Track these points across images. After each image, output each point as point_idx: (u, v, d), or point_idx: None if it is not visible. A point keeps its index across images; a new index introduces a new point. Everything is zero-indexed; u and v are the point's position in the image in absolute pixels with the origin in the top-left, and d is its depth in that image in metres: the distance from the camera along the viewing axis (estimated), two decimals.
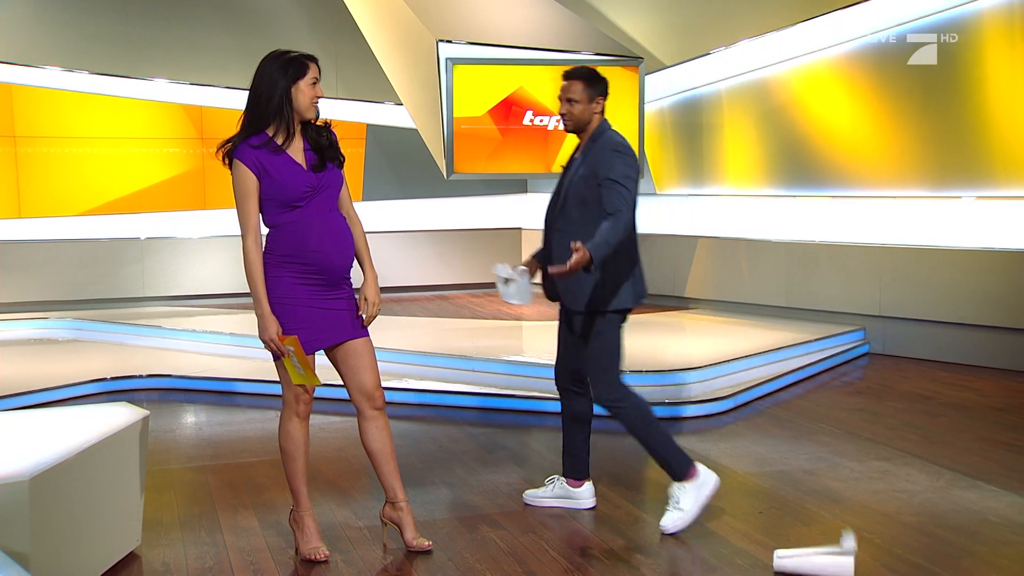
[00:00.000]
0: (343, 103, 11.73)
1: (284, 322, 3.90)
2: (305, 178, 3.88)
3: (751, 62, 9.62)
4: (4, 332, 9.75)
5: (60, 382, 7.17)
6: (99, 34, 11.04)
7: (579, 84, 4.55)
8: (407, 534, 4.11)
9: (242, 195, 3.89)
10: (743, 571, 3.91)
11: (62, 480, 3.57)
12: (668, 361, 7.24)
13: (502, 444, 5.85)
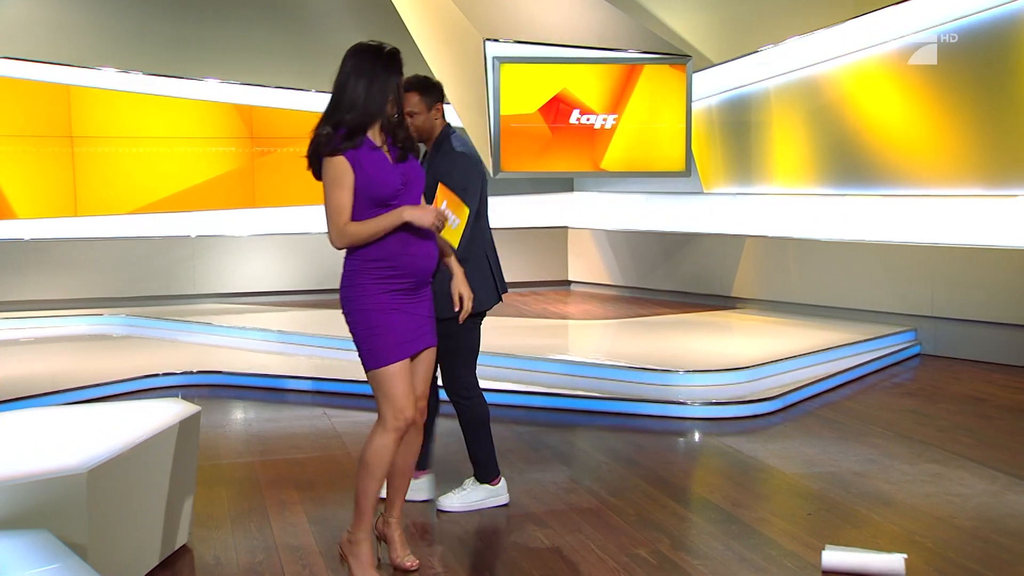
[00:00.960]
0: None
1: (372, 327, 3.71)
2: (395, 173, 3.72)
3: (800, 60, 9.53)
4: (60, 328, 9.92)
5: (113, 377, 7.26)
6: (152, 36, 11.17)
7: (415, 95, 4.49)
8: (395, 551, 3.95)
9: (335, 185, 3.65)
10: (792, 572, 3.88)
11: (117, 473, 3.62)
12: (715, 361, 7.20)
13: (548, 443, 5.85)
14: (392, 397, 3.72)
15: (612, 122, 10.16)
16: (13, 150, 10.81)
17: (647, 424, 6.26)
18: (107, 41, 11.03)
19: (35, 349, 8.92)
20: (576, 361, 7.27)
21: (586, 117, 10.15)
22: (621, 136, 10.17)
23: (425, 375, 3.90)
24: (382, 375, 3.72)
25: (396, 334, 3.72)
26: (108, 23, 11.05)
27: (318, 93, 11.53)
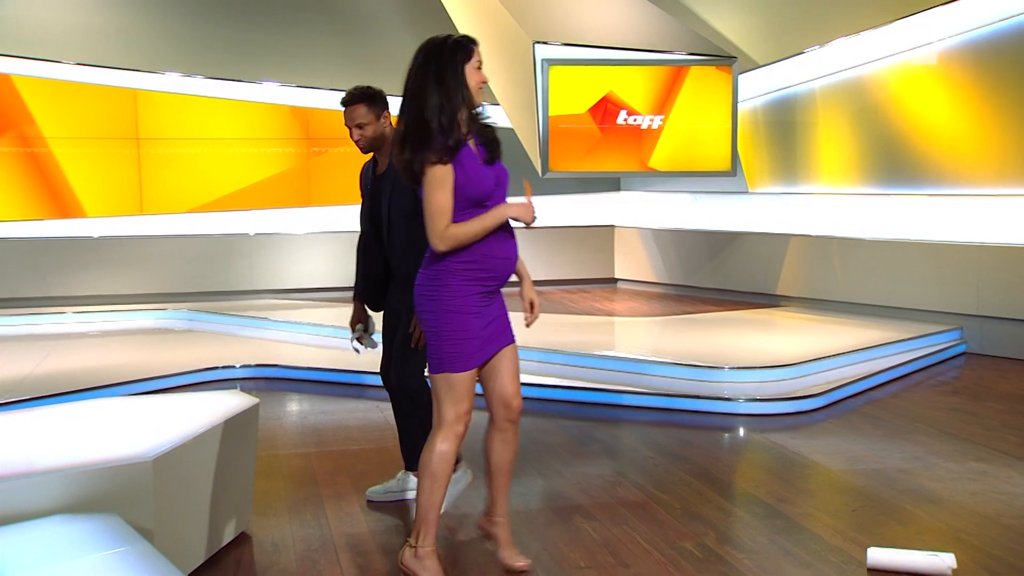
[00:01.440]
0: None
1: (454, 331, 3.57)
2: (488, 172, 3.61)
3: (846, 60, 9.44)
4: (126, 322, 10.06)
5: (176, 370, 7.36)
6: (214, 41, 11.30)
7: (362, 107, 4.42)
8: (504, 551, 3.86)
9: (437, 187, 3.47)
10: (836, 568, 3.84)
11: (181, 461, 3.67)
12: (760, 358, 7.15)
13: (595, 437, 5.84)
14: (458, 401, 3.60)
15: (659, 122, 10.13)
16: (83, 152, 10.99)
17: (692, 420, 6.23)
18: (171, 47, 11.17)
19: (103, 342, 9.05)
20: (622, 357, 7.25)
21: (633, 118, 10.12)
22: (668, 136, 10.14)
23: (514, 372, 3.77)
24: (455, 378, 3.59)
25: (476, 340, 3.61)
26: (172, 30, 11.18)
27: None
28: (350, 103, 4.42)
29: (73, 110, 10.93)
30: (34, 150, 10.87)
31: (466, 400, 3.62)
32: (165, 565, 2.62)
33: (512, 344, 3.76)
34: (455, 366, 3.57)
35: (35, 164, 10.89)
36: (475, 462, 4.48)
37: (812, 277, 9.98)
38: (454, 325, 3.57)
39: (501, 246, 3.62)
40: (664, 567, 3.87)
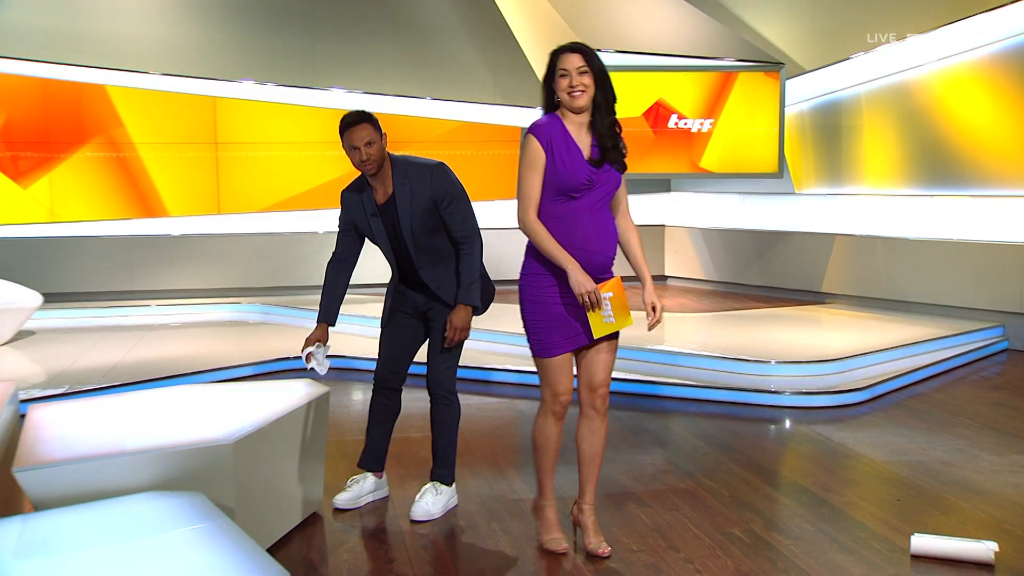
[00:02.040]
0: (500, 108, 11.84)
1: (540, 320, 3.71)
2: (584, 169, 3.60)
3: (891, 66, 9.31)
4: (204, 315, 10.20)
5: (251, 360, 7.47)
6: (285, 51, 11.41)
7: (367, 126, 4.22)
8: (587, 537, 3.86)
9: (527, 168, 3.63)
10: (881, 555, 3.81)
11: (259, 445, 3.73)
12: (806, 353, 7.08)
13: (646, 427, 5.83)
14: (550, 384, 3.77)
15: (709, 126, 10.07)
16: (166, 155, 11.17)
17: (740, 412, 6.20)
18: (246, 57, 11.31)
19: (184, 333, 9.19)
20: (673, 351, 7.22)
21: (684, 122, 10.08)
22: (717, 139, 10.08)
23: (604, 365, 3.80)
24: (544, 364, 3.75)
25: (561, 329, 3.69)
26: (247, 41, 11.32)
27: (433, 100, 11.67)
28: (354, 123, 4.20)
29: (158, 117, 11.12)
30: (123, 155, 11.07)
31: (557, 383, 3.75)
32: (246, 540, 2.66)
33: (609, 340, 3.77)
34: (539, 351, 3.75)
35: (124, 168, 11.10)
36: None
37: (857, 275, 9.86)
38: (536, 314, 3.73)
39: (591, 240, 3.64)
40: (713, 551, 3.86)
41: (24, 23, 10.73)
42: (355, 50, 11.60)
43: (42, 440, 3.56)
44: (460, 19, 11.88)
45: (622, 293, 3.64)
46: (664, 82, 10.05)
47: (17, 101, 10.79)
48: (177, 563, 2.56)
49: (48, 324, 9.39)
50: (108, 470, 3.33)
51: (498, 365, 7.18)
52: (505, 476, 4.90)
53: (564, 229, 3.62)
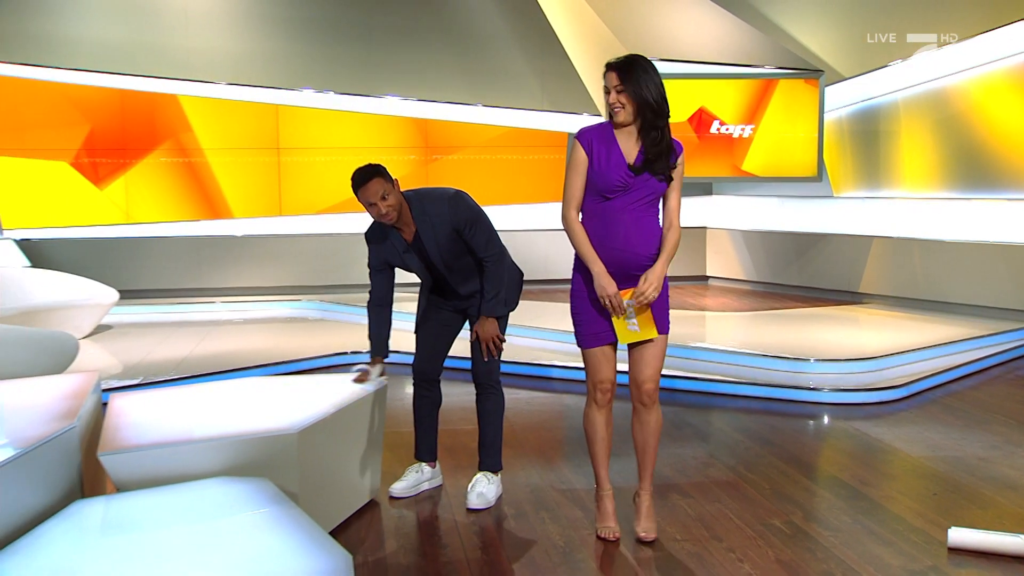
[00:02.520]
0: (548, 114, 11.85)
1: (577, 313, 3.79)
2: (621, 173, 3.62)
3: (928, 73, 9.19)
4: (266, 311, 10.33)
5: (311, 354, 7.54)
6: (343, 61, 11.51)
7: (378, 180, 4.08)
8: (637, 522, 3.91)
9: (570, 169, 3.70)
10: (918, 547, 3.77)
11: (322, 434, 3.78)
12: (844, 351, 7.02)
13: (688, 421, 5.81)
14: (590, 374, 3.84)
15: (750, 131, 10.01)
16: (232, 160, 11.34)
17: (780, 407, 6.16)
18: (306, 67, 11.42)
19: (247, 328, 9.30)
20: (715, 348, 7.19)
21: (725, 127, 10.03)
22: (758, 144, 10.01)
23: (650, 360, 3.78)
24: (585, 353, 3.82)
25: (595, 324, 3.75)
26: (307, 52, 11.43)
27: (484, 107, 11.71)
28: (365, 181, 4.08)
29: (225, 124, 11.29)
30: (192, 160, 11.26)
31: (595, 372, 3.81)
32: (310, 524, 2.71)
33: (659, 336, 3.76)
34: (579, 341, 3.82)
35: (193, 172, 11.28)
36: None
37: (894, 276, 9.75)
38: (575, 306, 3.81)
39: (624, 240, 3.66)
40: (755, 541, 3.85)
41: (104, 39, 10.94)
42: (409, 59, 11.67)
43: (123, 427, 3.65)
44: (510, 29, 11.90)
45: (646, 308, 3.66)
46: (707, 89, 10.00)
47: (99, 112, 11.01)
48: (246, 544, 2.61)
49: (124, 319, 9.57)
50: (182, 456, 3.40)
51: (545, 361, 7.19)
52: (552, 467, 4.91)
53: (602, 227, 3.68)
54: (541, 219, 11.68)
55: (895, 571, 3.55)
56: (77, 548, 2.66)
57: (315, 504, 3.69)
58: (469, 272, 4.32)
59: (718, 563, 3.64)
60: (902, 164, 9.73)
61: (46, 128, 10.94)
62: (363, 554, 3.78)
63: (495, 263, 4.22)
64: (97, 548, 2.68)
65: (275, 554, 2.51)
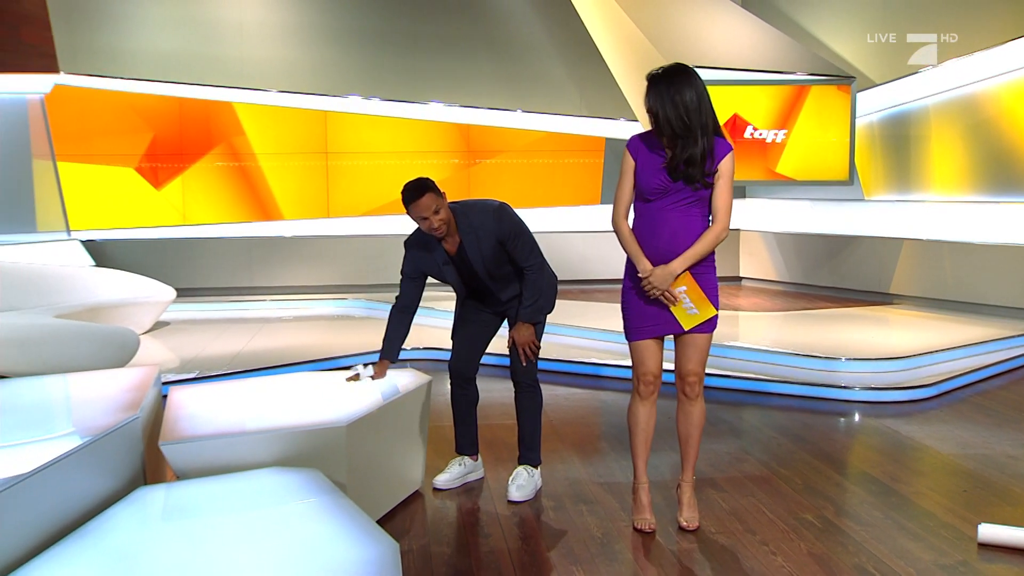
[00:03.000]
0: (586, 120, 11.84)
1: (623, 306, 3.84)
2: (660, 178, 3.67)
3: (958, 79, 9.07)
4: (314, 309, 10.40)
5: (357, 350, 7.56)
6: (388, 68, 11.57)
7: (430, 195, 4.06)
8: (679, 512, 3.94)
9: (620, 173, 3.77)
10: (949, 542, 3.73)
11: (369, 427, 3.80)
12: (875, 350, 6.95)
13: (723, 418, 5.78)
14: (635, 366, 3.86)
15: (783, 136, 9.93)
16: (282, 164, 11.45)
17: (812, 405, 6.11)
18: (353, 74, 11.50)
19: (296, 325, 9.37)
20: (748, 348, 7.15)
21: (759, 132, 9.96)
22: (791, 149, 9.93)
23: (694, 354, 3.80)
24: (632, 348, 3.85)
25: (644, 317, 3.77)
26: (354, 60, 11.51)
27: (524, 113, 11.72)
28: (416, 198, 4.06)
29: (276, 130, 11.40)
30: (244, 164, 11.38)
31: (639, 364, 3.83)
32: (358, 513, 2.73)
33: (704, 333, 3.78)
34: (628, 335, 3.85)
35: (245, 176, 11.40)
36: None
37: (924, 278, 9.63)
38: (624, 301, 3.85)
39: (663, 239, 3.69)
40: (787, 535, 3.83)
41: (164, 50, 11.11)
42: (452, 67, 11.71)
43: (182, 418, 3.70)
44: (550, 38, 11.90)
45: (695, 285, 3.69)
46: (741, 95, 9.93)
47: (160, 119, 11.17)
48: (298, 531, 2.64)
49: (180, 315, 9.68)
50: (238, 446, 3.44)
51: (584, 358, 7.19)
52: (590, 461, 4.91)
53: (647, 227, 3.73)
54: (578, 221, 11.66)
55: (925, 565, 3.51)
56: (140, 532, 2.71)
57: (362, 494, 3.72)
58: (510, 280, 4.32)
59: (752, 555, 3.63)
60: (932, 168, 9.60)
61: (112, 135, 11.11)
62: (408, 542, 3.80)
63: (537, 272, 4.22)
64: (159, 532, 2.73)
65: (325, 541, 2.53)
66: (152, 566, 2.47)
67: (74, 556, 2.54)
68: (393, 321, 4.38)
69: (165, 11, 11.18)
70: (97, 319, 7.80)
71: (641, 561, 3.62)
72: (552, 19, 11.80)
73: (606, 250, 11.09)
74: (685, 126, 3.57)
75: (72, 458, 2.99)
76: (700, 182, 3.65)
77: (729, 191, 3.74)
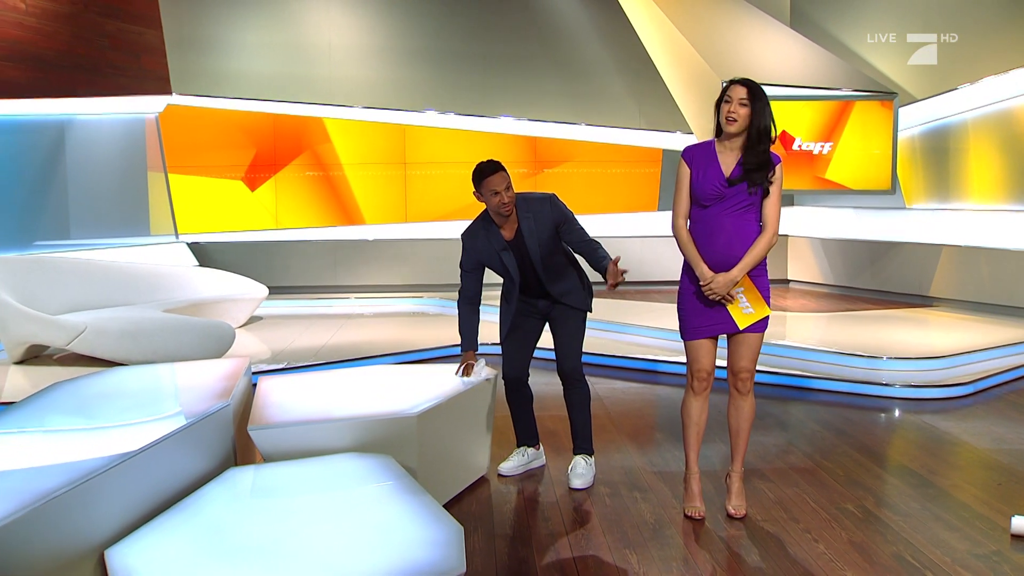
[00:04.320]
0: (643, 132, 11.72)
1: (679, 306, 3.76)
2: (717, 184, 3.60)
3: (995, 95, 8.78)
4: (392, 306, 10.44)
5: (432, 344, 7.58)
6: (462, 85, 11.59)
7: (503, 173, 4.04)
8: (728, 500, 3.86)
9: (677, 182, 3.72)
10: (983, 532, 3.60)
11: (438, 417, 3.80)
12: (915, 350, 6.75)
13: (770, 412, 5.66)
14: (690, 363, 3.79)
15: (828, 148, 9.73)
16: (365, 173, 11.55)
17: (854, 401, 5.96)
18: (430, 91, 11.55)
19: (376, 321, 9.43)
20: (796, 346, 7.00)
21: (807, 144, 9.77)
22: (836, 160, 9.72)
23: (746, 352, 3.72)
24: (687, 346, 3.77)
25: (699, 317, 3.71)
26: (430, 78, 11.56)
27: (587, 126, 11.66)
28: (493, 172, 4.02)
29: (359, 142, 11.51)
30: (330, 173, 11.52)
31: (694, 362, 3.76)
32: (427, 497, 2.73)
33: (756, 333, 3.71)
34: (683, 334, 3.78)
35: (331, 184, 11.53)
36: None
37: (962, 281, 9.33)
38: (681, 302, 3.78)
39: (727, 244, 3.62)
40: (829, 524, 3.73)
41: (260, 72, 11.30)
42: (520, 83, 11.69)
43: (269, 406, 3.74)
44: (611, 56, 11.82)
45: (752, 286, 3.63)
46: (790, 109, 9.75)
47: (257, 133, 11.37)
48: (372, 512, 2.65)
49: (272, 311, 9.81)
50: (319, 433, 3.47)
51: (640, 354, 7.12)
52: (645, 451, 4.85)
53: (704, 232, 3.66)
54: (637, 226, 11.57)
55: (960, 555, 3.40)
56: (231, 509, 2.74)
57: (431, 479, 3.72)
58: (560, 270, 4.22)
59: (795, 542, 3.54)
60: (970, 178, 9.31)
61: (216, 149, 11.35)
62: (473, 525, 3.79)
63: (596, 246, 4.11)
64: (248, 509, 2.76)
65: (395, 522, 2.54)
66: (240, 539, 2.49)
67: (173, 528, 2.59)
68: (463, 314, 4.29)
69: (262, 38, 11.38)
70: (199, 314, 7.96)
71: (691, 546, 3.56)
72: (612, 39, 11.71)
73: (662, 253, 10.98)
74: (767, 137, 3.61)
75: (172, 439, 3.04)
76: (763, 185, 3.61)
77: (779, 200, 3.70)
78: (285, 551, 2.39)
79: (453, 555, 2.31)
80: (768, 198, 3.65)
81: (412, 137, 11.57)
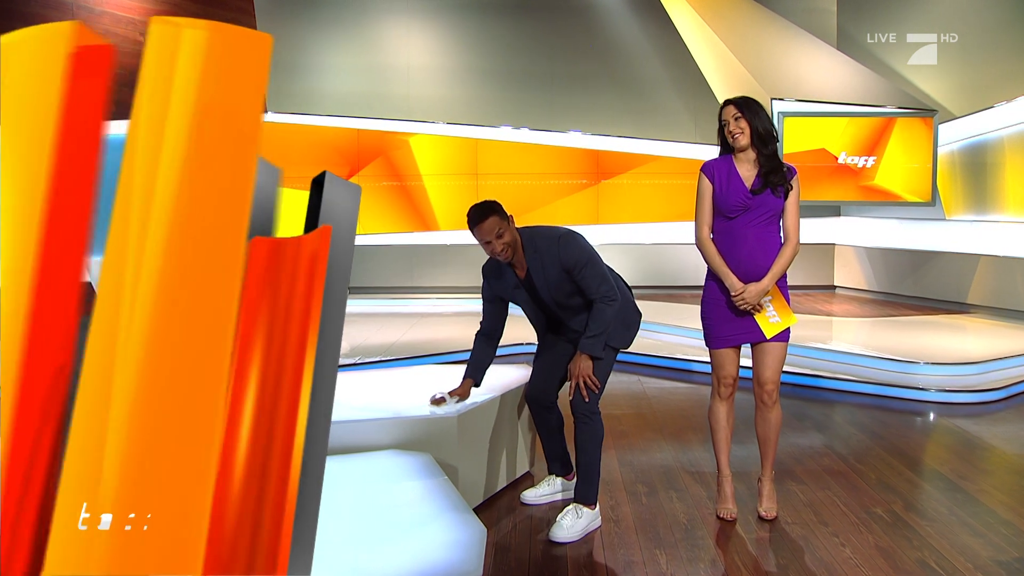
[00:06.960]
0: (699, 146, 11.43)
1: (703, 315, 3.51)
2: (741, 196, 3.39)
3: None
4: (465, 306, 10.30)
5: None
6: (533, 102, 11.48)
7: (492, 218, 3.35)
8: (759, 502, 3.61)
9: (699, 196, 3.45)
10: (1007, 539, 3.31)
11: (478, 417, 3.67)
12: (951, 355, 6.37)
13: (808, 415, 5.38)
14: (715, 370, 3.57)
15: (872, 162, 9.32)
16: (440, 183, 11.50)
17: (891, 404, 5.63)
18: (503, 107, 11.47)
19: (449, 320, 9.33)
20: (837, 350, 6.67)
21: (851, 158, 9.38)
22: (879, 173, 9.31)
23: (771, 363, 3.46)
24: (712, 354, 3.55)
25: (723, 326, 3.49)
26: (503, 96, 11.48)
27: (646, 140, 11.44)
28: (481, 220, 3.36)
29: (434, 154, 11.47)
30: (407, 183, 11.51)
31: (718, 369, 3.54)
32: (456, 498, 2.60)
33: (779, 343, 3.48)
34: (708, 343, 3.55)
35: (407, 193, 11.52)
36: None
37: (998, 290, 8.81)
38: (702, 309, 3.55)
39: (751, 254, 3.42)
40: (857, 527, 3.49)
41: (346, 91, 11.38)
42: (585, 101, 11.53)
43: None
44: (668, 75, 11.56)
45: (779, 295, 3.41)
46: (835, 125, 9.37)
47: (342, 147, 11.43)
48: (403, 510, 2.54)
49: (351, 309, 9.72)
50: (363, 430, 3.38)
51: (682, 355, 6.88)
52: (686, 450, 4.64)
53: (728, 243, 3.45)
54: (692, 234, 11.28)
55: (983, 561, 3.12)
56: None
57: (473, 476, 3.59)
58: (581, 310, 3.54)
59: (822, 546, 3.31)
60: (1006, 192, 8.79)
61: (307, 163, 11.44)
62: (511, 520, 3.64)
63: (605, 303, 3.40)
64: None
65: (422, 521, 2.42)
66: None
67: None
68: (477, 346, 3.72)
69: (347, 60, 11.43)
70: None
71: (720, 548, 3.35)
72: (669, 59, 11.45)
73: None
74: (770, 137, 3.42)
75: None
76: (783, 186, 3.40)
77: (798, 211, 3.48)
78: None
79: (472, 558, 2.17)
80: (787, 210, 3.46)
81: (484, 150, 11.48)
